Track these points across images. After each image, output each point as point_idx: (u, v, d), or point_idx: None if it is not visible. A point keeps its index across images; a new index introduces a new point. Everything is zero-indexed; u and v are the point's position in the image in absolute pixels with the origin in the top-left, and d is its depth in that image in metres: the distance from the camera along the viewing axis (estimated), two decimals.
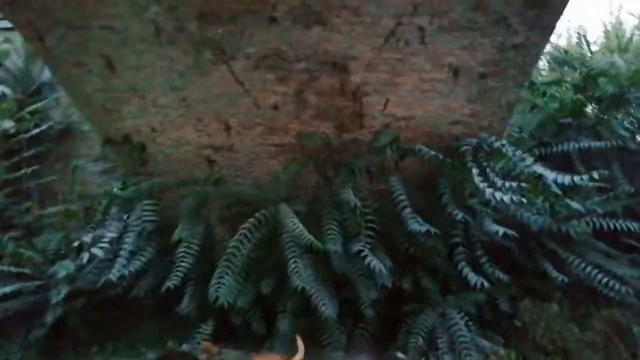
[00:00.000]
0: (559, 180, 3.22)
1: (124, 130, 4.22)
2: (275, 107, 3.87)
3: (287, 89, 3.70)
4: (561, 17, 3.00)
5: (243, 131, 4.10)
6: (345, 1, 2.98)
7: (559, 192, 3.32)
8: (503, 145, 3.58)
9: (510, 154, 3.49)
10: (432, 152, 3.60)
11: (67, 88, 3.82)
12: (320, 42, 3.30)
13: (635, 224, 3.83)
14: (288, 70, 3.54)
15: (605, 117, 4.68)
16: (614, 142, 4.22)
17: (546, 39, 3.17)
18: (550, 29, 3.07)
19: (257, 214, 3.65)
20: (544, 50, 4.04)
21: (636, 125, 4.57)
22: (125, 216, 4.23)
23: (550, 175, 3.23)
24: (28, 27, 3.26)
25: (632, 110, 4.54)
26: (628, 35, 5.73)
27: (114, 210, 4.31)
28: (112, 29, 3.23)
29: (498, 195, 3.12)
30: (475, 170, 3.30)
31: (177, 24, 3.19)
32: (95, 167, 5.59)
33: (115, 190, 4.24)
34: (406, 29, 3.16)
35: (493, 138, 3.67)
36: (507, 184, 3.25)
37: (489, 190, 3.16)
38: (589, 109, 4.87)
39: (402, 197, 3.55)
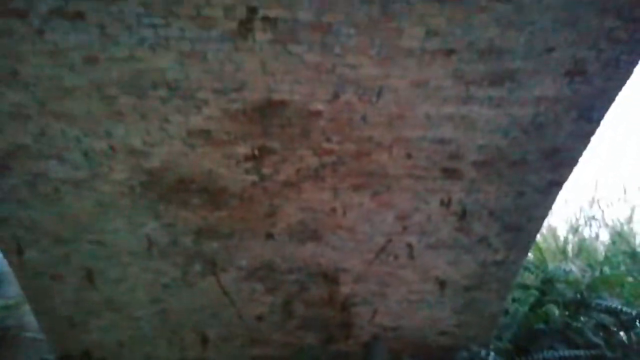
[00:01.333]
0: None
1: (85, 344, 3.79)
2: (260, 318, 3.71)
3: (275, 299, 3.62)
4: (535, 238, 3.33)
5: (221, 344, 3.83)
6: (340, 221, 3.18)
7: None
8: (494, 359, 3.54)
9: None
10: None
11: (33, 298, 3.51)
12: (313, 256, 3.38)
13: None
14: (279, 281, 3.52)
15: (572, 322, 4.85)
16: (591, 351, 4.28)
17: (524, 256, 3.45)
18: (527, 248, 3.37)
19: None
20: None
21: (603, 332, 4.74)
22: None
23: None
24: (10, 242, 3.12)
25: (595, 316, 4.76)
26: (562, 240, 6.40)
27: None
28: (102, 243, 3.17)
29: None
30: None
31: (171, 239, 3.19)
32: None
33: None
34: (396, 245, 3.34)
35: (484, 352, 3.64)
36: None
37: None
38: (555, 313, 5.07)
39: None
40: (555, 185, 2.86)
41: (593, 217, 6.06)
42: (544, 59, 2.25)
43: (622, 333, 4.63)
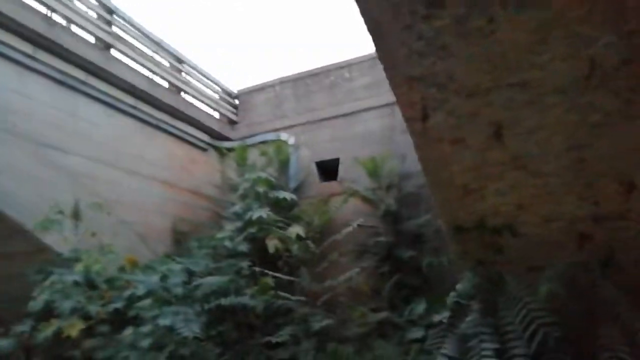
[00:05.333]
0: None
1: (479, 212, 3.50)
2: None
3: None
4: None
5: None
6: None
7: None
8: None
9: None
10: None
11: (430, 170, 3.27)
12: None
13: None
14: None
15: None
16: None
17: None
18: None
19: None
20: None
21: None
22: None
23: None
24: (415, 107, 2.79)
25: None
26: None
27: None
28: (525, 84, 2.57)
29: None
30: None
31: (623, 57, 2.39)
32: None
33: None
34: None
35: None
36: None
37: None
38: None
39: None
40: None
41: None
42: None
43: None
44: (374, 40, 2.42)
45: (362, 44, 21.83)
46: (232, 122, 8.50)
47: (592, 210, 3.28)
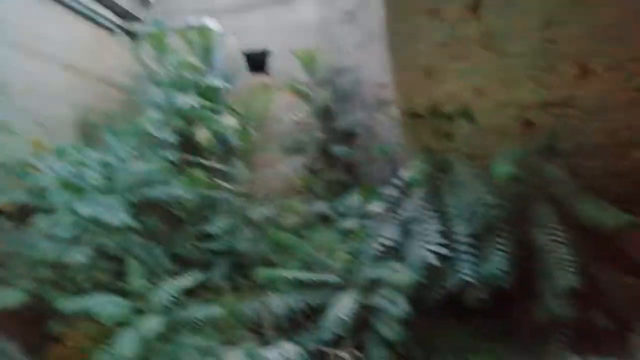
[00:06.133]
0: None
1: (435, 98, 3.37)
2: None
3: None
4: None
5: (603, 73, 3.06)
6: None
7: None
8: None
9: None
10: None
11: (395, 47, 2.99)
12: None
13: None
14: None
15: None
16: None
17: None
18: None
19: None
20: None
21: None
22: None
23: None
24: None
25: None
26: None
27: None
28: None
29: None
30: None
31: None
32: None
33: None
34: None
35: None
36: None
37: None
38: None
39: None
40: None
41: None
42: None
43: None
44: None
45: None
46: (145, 2, 7.35)
47: (543, 96, 3.27)
